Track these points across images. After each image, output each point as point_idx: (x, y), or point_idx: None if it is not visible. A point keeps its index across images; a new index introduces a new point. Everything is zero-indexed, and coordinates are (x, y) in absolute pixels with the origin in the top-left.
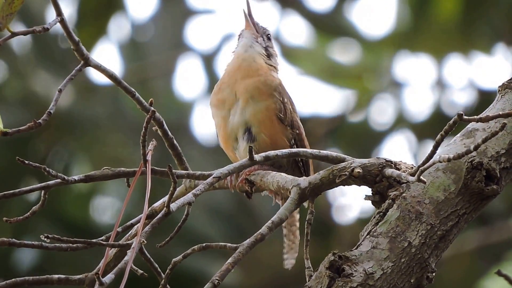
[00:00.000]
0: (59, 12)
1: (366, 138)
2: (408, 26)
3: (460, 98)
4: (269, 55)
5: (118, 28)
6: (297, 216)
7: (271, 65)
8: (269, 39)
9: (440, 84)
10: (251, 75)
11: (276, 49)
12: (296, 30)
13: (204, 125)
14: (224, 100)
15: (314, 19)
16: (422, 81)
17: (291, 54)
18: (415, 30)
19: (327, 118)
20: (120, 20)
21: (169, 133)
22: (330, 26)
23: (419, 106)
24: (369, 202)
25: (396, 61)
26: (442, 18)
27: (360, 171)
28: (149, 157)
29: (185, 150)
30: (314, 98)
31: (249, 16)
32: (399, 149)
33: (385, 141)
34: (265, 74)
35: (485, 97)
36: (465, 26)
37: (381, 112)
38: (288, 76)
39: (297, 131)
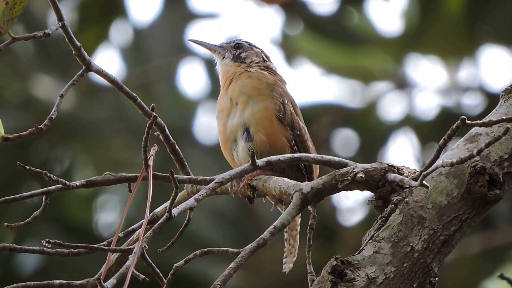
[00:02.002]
0: (60, 17)
1: (372, 138)
2: (414, 27)
3: (467, 100)
4: (244, 58)
5: (120, 33)
6: (298, 221)
7: (248, 66)
8: (238, 47)
9: (446, 86)
10: (239, 78)
11: (258, 51)
12: (299, 33)
13: (206, 127)
14: (222, 109)
15: (317, 21)
16: (429, 83)
17: (296, 55)
18: (421, 32)
19: (333, 112)
20: (122, 25)
21: (171, 138)
22: (333, 28)
23: (425, 107)
24: (372, 206)
25: (403, 62)
26: (447, 19)
27: (363, 176)
28: (150, 163)
29: (187, 152)
30: (318, 94)
31: (204, 45)
32: (403, 151)
33: (391, 141)
34: (254, 74)
35: (491, 100)
36: (469, 27)
37: (387, 112)
38: (291, 76)
39: (298, 133)
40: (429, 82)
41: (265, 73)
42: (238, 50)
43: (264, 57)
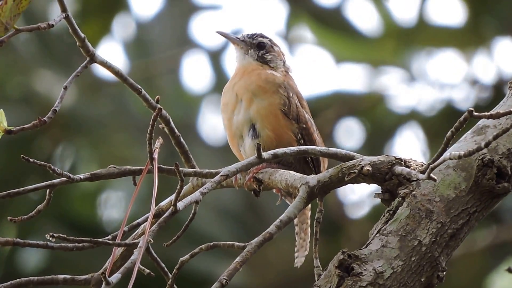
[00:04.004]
0: (64, 8)
1: (377, 132)
2: (418, 19)
3: (472, 93)
4: (267, 62)
5: (123, 26)
6: (308, 213)
7: (269, 67)
8: (261, 47)
9: (451, 79)
10: (250, 75)
11: (278, 50)
12: (304, 26)
13: (211, 122)
14: (227, 103)
15: (322, 14)
16: (435, 75)
17: (300, 47)
18: (426, 24)
19: (337, 106)
20: (124, 18)
21: (176, 130)
22: (337, 21)
23: (431, 100)
24: (378, 200)
25: (408, 56)
26: (452, 10)
27: (370, 169)
28: (155, 155)
29: (191, 147)
30: (322, 86)
31: (228, 37)
32: (409, 145)
33: (396, 135)
34: (265, 73)
35: (497, 93)
36: (474, 19)
37: (393, 106)
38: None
39: (304, 126)
40: (435, 75)
41: (278, 75)
42: (261, 51)
43: (284, 57)
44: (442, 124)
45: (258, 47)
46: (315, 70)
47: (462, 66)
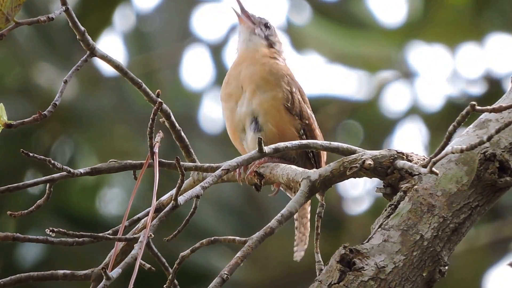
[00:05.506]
0: (64, 1)
1: (378, 128)
2: (419, 14)
3: (474, 88)
4: (272, 44)
5: (123, 18)
6: (308, 208)
7: (275, 52)
8: (267, 27)
9: (453, 74)
10: (254, 64)
11: (280, 37)
12: (305, 20)
13: (212, 116)
14: (231, 94)
15: (324, 8)
16: (435, 71)
17: (300, 42)
18: (426, 20)
19: (338, 102)
20: (124, 10)
21: (177, 124)
22: (340, 15)
23: (431, 96)
24: (380, 194)
25: (408, 51)
26: (453, 6)
27: (371, 163)
28: (156, 149)
29: (192, 141)
30: (325, 84)
31: (241, 11)
32: (409, 141)
33: (396, 131)
34: (269, 62)
35: (499, 88)
36: (476, 13)
37: (394, 102)
38: (297, 63)
39: (307, 121)
40: (435, 71)
41: (282, 64)
42: (267, 31)
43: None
44: (444, 119)
45: (265, 27)
46: (316, 66)
47: (463, 62)
